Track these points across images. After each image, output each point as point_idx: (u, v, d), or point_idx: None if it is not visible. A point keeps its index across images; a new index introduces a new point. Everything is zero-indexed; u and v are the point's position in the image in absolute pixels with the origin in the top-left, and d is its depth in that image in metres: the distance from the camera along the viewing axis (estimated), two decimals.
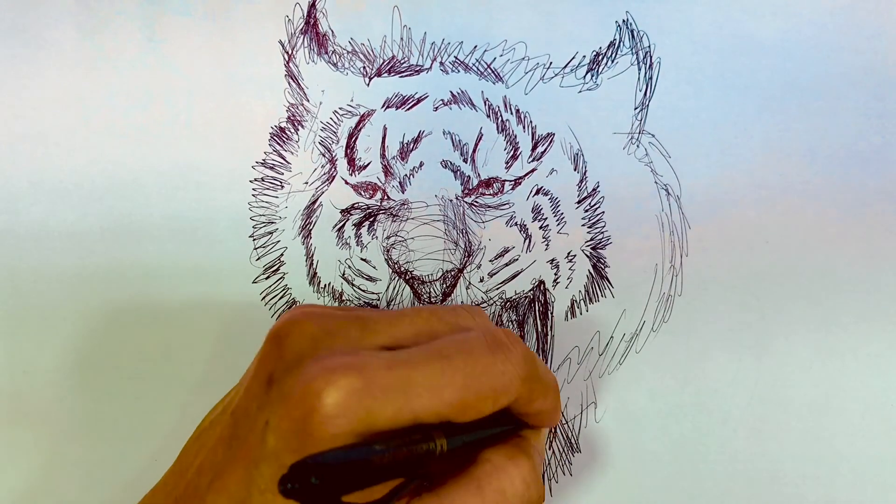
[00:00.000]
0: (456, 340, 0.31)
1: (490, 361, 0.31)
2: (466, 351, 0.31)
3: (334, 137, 0.42)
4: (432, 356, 0.30)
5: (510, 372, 0.31)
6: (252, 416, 0.30)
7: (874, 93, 0.40)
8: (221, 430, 0.31)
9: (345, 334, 0.31)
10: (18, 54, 0.42)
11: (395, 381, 0.29)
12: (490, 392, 0.30)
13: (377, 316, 0.33)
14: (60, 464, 0.43)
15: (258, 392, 0.31)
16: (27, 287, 0.43)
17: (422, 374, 0.29)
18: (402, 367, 0.29)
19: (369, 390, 0.28)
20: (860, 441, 0.41)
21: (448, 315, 0.34)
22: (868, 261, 0.41)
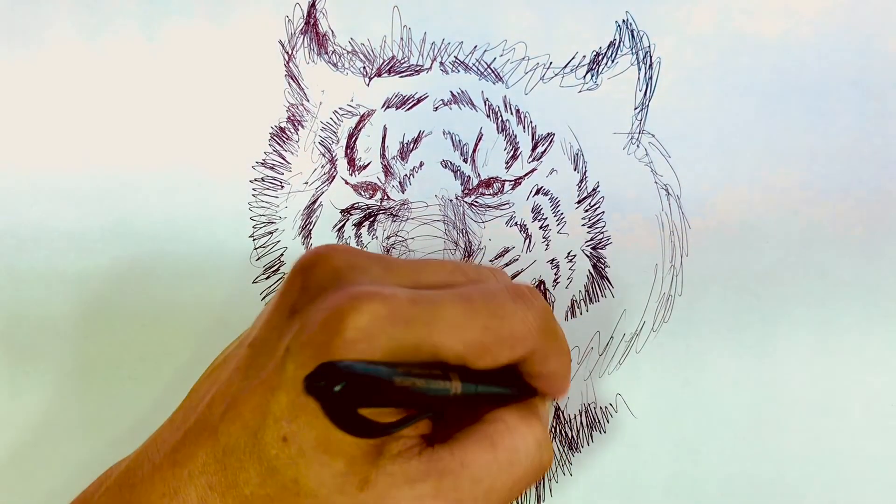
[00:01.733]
0: (479, 287, 0.31)
1: (511, 308, 0.30)
2: (489, 296, 0.30)
3: (334, 137, 0.42)
4: (456, 297, 0.30)
5: (530, 321, 0.31)
6: (271, 345, 0.30)
7: (874, 93, 0.40)
8: (237, 362, 0.31)
9: (369, 270, 0.31)
10: (18, 54, 0.42)
11: (419, 315, 0.29)
12: (509, 338, 0.30)
13: (401, 260, 0.33)
14: (61, 464, 0.43)
15: (279, 323, 0.30)
16: (27, 287, 0.43)
17: (445, 312, 0.29)
18: (426, 303, 0.29)
19: (392, 319, 0.28)
20: (860, 441, 0.41)
21: (472, 271, 0.34)
22: (868, 261, 0.41)
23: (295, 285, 0.31)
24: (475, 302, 0.30)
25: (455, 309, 0.29)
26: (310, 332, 0.28)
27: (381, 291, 0.29)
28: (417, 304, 0.29)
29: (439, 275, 0.33)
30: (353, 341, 0.28)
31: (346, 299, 0.28)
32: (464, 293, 0.30)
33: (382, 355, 0.28)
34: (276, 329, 0.30)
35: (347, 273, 0.30)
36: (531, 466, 0.31)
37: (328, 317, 0.28)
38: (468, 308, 0.30)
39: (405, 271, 0.32)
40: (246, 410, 0.29)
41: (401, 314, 0.28)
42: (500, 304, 0.30)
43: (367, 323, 0.28)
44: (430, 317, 0.29)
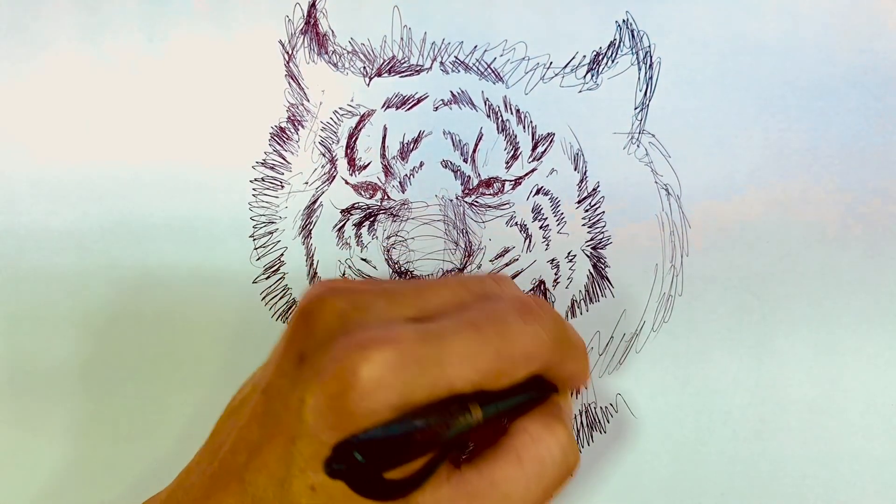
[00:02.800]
0: (486, 309, 0.31)
1: (521, 327, 0.31)
2: (497, 318, 0.31)
3: (334, 137, 0.42)
4: (464, 326, 0.30)
5: (541, 336, 0.31)
6: (284, 393, 0.30)
7: (874, 93, 0.40)
8: (254, 408, 0.31)
9: (373, 308, 0.31)
10: (18, 54, 0.42)
11: (430, 353, 0.29)
12: (523, 357, 0.30)
13: (403, 288, 0.33)
14: (61, 464, 0.43)
15: (289, 370, 0.30)
16: (27, 287, 0.43)
17: (455, 345, 0.29)
18: (435, 339, 0.29)
19: (404, 363, 0.28)
20: (860, 441, 0.41)
21: (475, 285, 0.34)
22: (868, 261, 0.41)
23: (300, 331, 0.31)
24: (484, 328, 0.30)
25: (465, 340, 0.29)
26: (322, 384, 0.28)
27: (388, 335, 0.29)
28: (426, 342, 0.29)
29: (444, 296, 0.33)
30: (367, 393, 0.28)
31: (355, 348, 0.28)
32: (471, 320, 0.30)
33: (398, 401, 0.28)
34: (286, 376, 0.30)
35: (352, 314, 0.30)
36: (559, 473, 0.32)
37: (339, 368, 0.28)
38: (478, 337, 0.30)
39: (409, 300, 0.32)
40: (271, 460, 0.29)
41: (411, 357, 0.28)
42: (509, 325, 0.31)
43: (379, 372, 0.28)
44: (441, 353, 0.29)
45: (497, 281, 0.35)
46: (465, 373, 0.29)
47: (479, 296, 0.33)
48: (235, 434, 0.31)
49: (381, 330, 0.29)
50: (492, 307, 0.31)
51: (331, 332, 0.30)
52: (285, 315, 0.42)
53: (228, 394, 0.43)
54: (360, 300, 0.31)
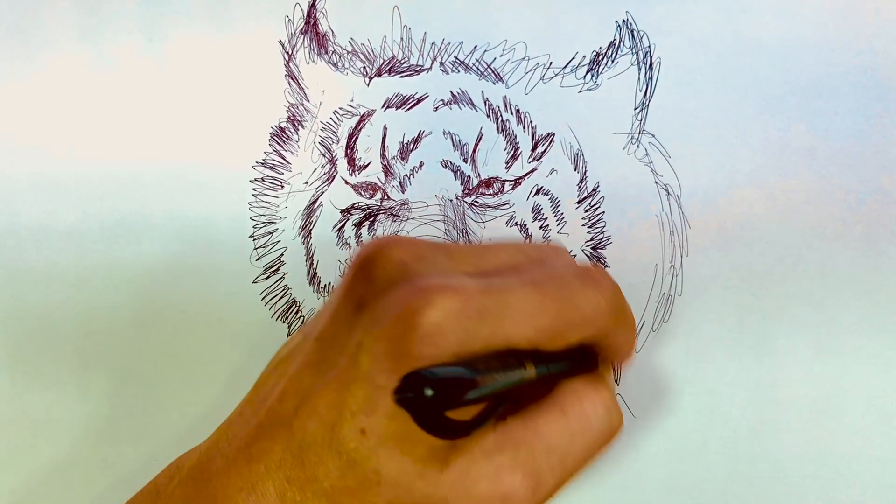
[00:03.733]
0: (548, 270, 0.31)
1: (581, 291, 0.31)
2: (558, 280, 0.31)
3: (334, 137, 0.42)
4: (526, 284, 0.30)
5: (600, 302, 0.31)
6: (341, 340, 0.30)
7: (874, 93, 0.40)
8: (306, 357, 0.31)
9: (433, 260, 0.31)
10: (18, 54, 0.42)
11: (491, 305, 0.29)
12: (581, 320, 0.31)
13: (463, 247, 0.33)
14: (61, 464, 0.43)
15: (347, 316, 0.30)
16: (27, 287, 0.43)
17: (517, 300, 0.29)
18: (497, 292, 0.29)
19: (465, 312, 0.28)
20: (860, 441, 0.41)
21: (533, 251, 0.34)
22: (868, 261, 0.41)
23: (360, 278, 0.31)
24: (546, 287, 0.30)
25: (526, 297, 0.29)
26: (382, 328, 0.28)
27: (451, 284, 0.29)
28: (488, 295, 0.29)
29: (501, 258, 0.33)
30: (428, 337, 0.28)
31: (417, 293, 0.28)
32: (534, 279, 0.30)
33: (457, 349, 0.28)
34: (344, 323, 0.30)
35: (412, 264, 0.30)
36: (602, 431, 0.32)
37: (401, 313, 0.28)
38: (539, 295, 0.30)
39: (468, 258, 0.32)
40: (321, 405, 0.29)
41: (473, 307, 0.28)
42: (570, 288, 0.31)
43: (441, 318, 0.28)
44: (502, 307, 0.29)
45: (555, 250, 0.35)
46: (524, 329, 0.29)
47: (536, 260, 0.33)
48: (285, 383, 0.31)
49: (443, 279, 0.29)
50: (553, 269, 0.32)
51: (391, 280, 0.30)
52: (285, 315, 0.43)
53: (229, 393, 0.43)
54: (420, 252, 0.31)
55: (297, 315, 0.42)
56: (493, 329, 0.29)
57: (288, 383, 0.31)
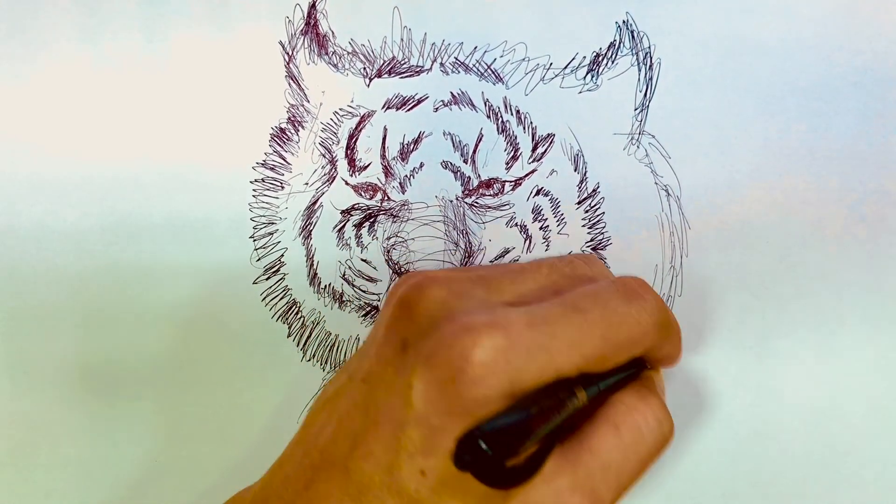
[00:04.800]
0: (589, 293, 0.31)
1: (626, 311, 0.31)
2: (602, 303, 0.31)
3: (334, 138, 0.42)
4: (569, 311, 0.30)
5: (645, 321, 0.31)
6: (388, 381, 0.30)
7: (874, 93, 0.40)
8: (354, 397, 0.31)
9: (472, 295, 0.31)
10: (18, 54, 0.42)
11: (538, 338, 0.29)
12: (627, 342, 0.31)
13: (499, 274, 0.33)
14: (60, 464, 0.43)
15: (392, 357, 0.30)
16: (27, 287, 0.43)
17: (563, 330, 0.29)
18: (542, 324, 0.29)
19: (514, 348, 0.28)
20: (860, 441, 0.41)
21: (566, 267, 0.34)
22: (868, 261, 0.41)
23: (401, 318, 0.31)
24: (590, 314, 0.30)
25: (572, 325, 0.30)
26: (433, 369, 0.28)
27: (496, 321, 0.29)
28: (535, 328, 0.29)
29: (538, 280, 0.33)
30: (479, 377, 0.28)
31: (463, 333, 0.28)
32: (577, 303, 0.30)
33: (508, 386, 0.28)
34: (390, 363, 0.30)
35: (452, 301, 0.30)
36: (655, 442, 0.32)
37: (450, 352, 0.28)
38: (584, 322, 0.30)
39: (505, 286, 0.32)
40: (376, 448, 0.29)
41: (521, 342, 0.28)
42: (613, 309, 0.31)
43: (490, 357, 0.28)
44: (549, 339, 0.29)
45: (586, 262, 0.35)
46: (573, 358, 0.29)
47: (572, 278, 0.33)
48: (335, 424, 0.31)
49: (488, 315, 0.29)
50: (594, 290, 0.31)
51: (434, 319, 0.30)
52: (285, 315, 0.43)
53: (229, 394, 0.43)
54: (458, 287, 0.31)
55: (297, 315, 0.43)
56: (543, 362, 0.29)
57: (338, 424, 0.31)
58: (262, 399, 0.43)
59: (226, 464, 0.43)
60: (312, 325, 0.43)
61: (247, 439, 0.43)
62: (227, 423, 0.43)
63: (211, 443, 0.43)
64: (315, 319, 0.43)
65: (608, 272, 0.36)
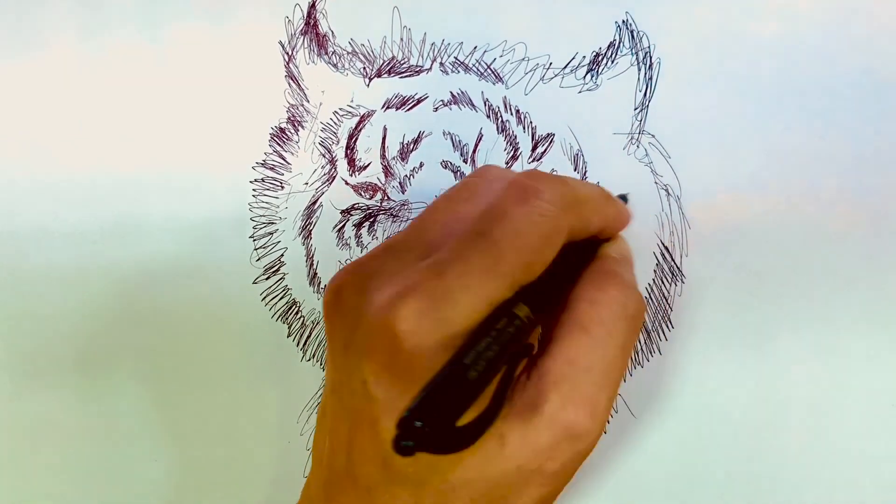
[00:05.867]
0: (485, 212, 0.30)
1: (526, 213, 0.29)
2: (500, 216, 0.29)
3: (334, 138, 0.42)
4: (471, 240, 0.29)
5: (549, 211, 0.29)
6: (345, 384, 0.30)
7: (874, 93, 0.40)
8: (334, 410, 0.32)
9: (383, 268, 0.30)
10: (18, 54, 0.42)
11: (450, 281, 0.28)
12: (542, 242, 0.29)
13: (402, 235, 0.32)
14: (61, 464, 0.43)
15: (342, 362, 0.30)
16: (27, 287, 0.43)
17: (471, 262, 0.28)
18: (449, 266, 0.28)
19: (432, 301, 0.28)
20: (860, 441, 0.41)
21: (462, 192, 0.33)
22: (868, 261, 0.41)
23: (333, 323, 0.31)
24: (492, 233, 0.29)
25: (478, 253, 0.28)
26: (371, 359, 0.29)
27: (406, 286, 0.28)
28: (442, 274, 0.28)
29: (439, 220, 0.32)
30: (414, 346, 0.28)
31: (381, 312, 0.28)
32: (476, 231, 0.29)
33: (445, 337, 0.28)
34: (341, 369, 0.31)
35: (367, 283, 0.30)
36: (627, 326, 0.31)
37: (381, 338, 0.28)
38: (490, 243, 0.29)
39: (412, 243, 0.31)
40: (366, 448, 0.30)
41: (436, 294, 0.28)
42: (513, 218, 0.29)
43: (415, 322, 0.28)
44: (460, 277, 0.28)
45: (480, 175, 0.34)
46: (494, 283, 0.28)
47: (472, 201, 0.32)
48: (329, 439, 0.32)
49: (397, 283, 0.29)
50: (488, 207, 0.30)
51: (356, 309, 0.30)
52: (285, 315, 0.43)
53: (229, 394, 0.43)
54: (368, 267, 0.31)
55: (297, 315, 0.43)
56: (466, 302, 0.28)
57: (331, 439, 0.32)
58: (262, 399, 0.43)
59: (226, 464, 0.43)
60: (312, 325, 0.43)
61: (247, 439, 0.43)
62: (227, 423, 0.43)
63: (211, 443, 0.43)
64: (315, 319, 0.43)
65: (506, 173, 0.34)
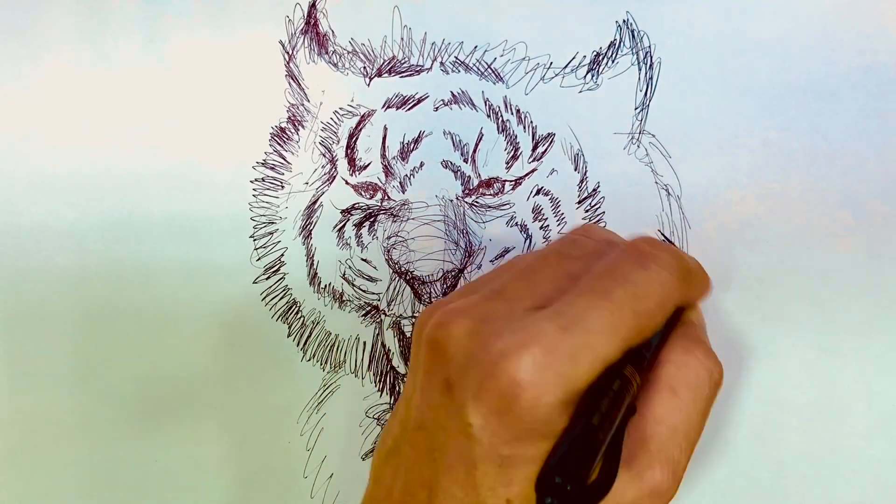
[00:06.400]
0: (606, 271, 0.31)
1: (648, 278, 0.31)
2: (622, 278, 0.30)
3: (335, 138, 0.42)
4: (594, 298, 0.30)
5: (666, 279, 0.31)
6: (443, 424, 0.30)
7: (874, 93, 0.40)
8: (416, 447, 0.31)
9: (496, 314, 0.31)
10: (18, 55, 0.42)
11: (575, 338, 0.29)
12: (658, 307, 0.31)
13: (512, 281, 0.33)
14: (60, 464, 0.43)
15: (440, 400, 0.30)
16: (27, 287, 0.43)
17: (594, 321, 0.29)
18: (573, 323, 0.29)
19: (555, 357, 0.28)
20: (860, 441, 0.41)
21: (572, 249, 0.34)
22: (868, 261, 0.41)
23: (436, 360, 0.31)
24: (615, 293, 0.30)
25: (602, 313, 0.29)
26: (484, 401, 0.28)
27: (530, 336, 0.29)
28: (567, 330, 0.29)
29: (550, 274, 0.32)
30: (532, 397, 0.28)
31: (502, 359, 0.28)
32: (598, 289, 0.30)
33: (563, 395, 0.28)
34: (441, 407, 0.30)
35: (480, 328, 0.30)
36: (709, 390, 0.32)
37: (496, 382, 0.28)
38: (612, 305, 0.30)
39: (522, 291, 0.32)
40: (455, 490, 0.29)
41: (560, 349, 0.28)
42: (635, 281, 0.30)
43: (537, 374, 0.28)
44: (585, 336, 0.29)
45: (587, 234, 0.35)
46: (614, 344, 0.29)
47: (581, 259, 0.33)
48: (404, 476, 0.31)
49: (520, 332, 0.29)
50: (610, 267, 0.31)
51: (468, 353, 0.30)
52: (285, 315, 0.43)
53: (228, 394, 0.43)
54: (479, 311, 0.31)
55: (297, 315, 0.42)
56: (587, 362, 0.29)
57: (407, 475, 0.31)
58: (262, 399, 0.43)
59: (226, 464, 0.43)
60: (312, 325, 0.43)
61: (247, 439, 0.43)
62: (228, 423, 0.43)
63: (211, 443, 0.43)
64: (315, 319, 0.43)
65: (611, 235, 0.36)
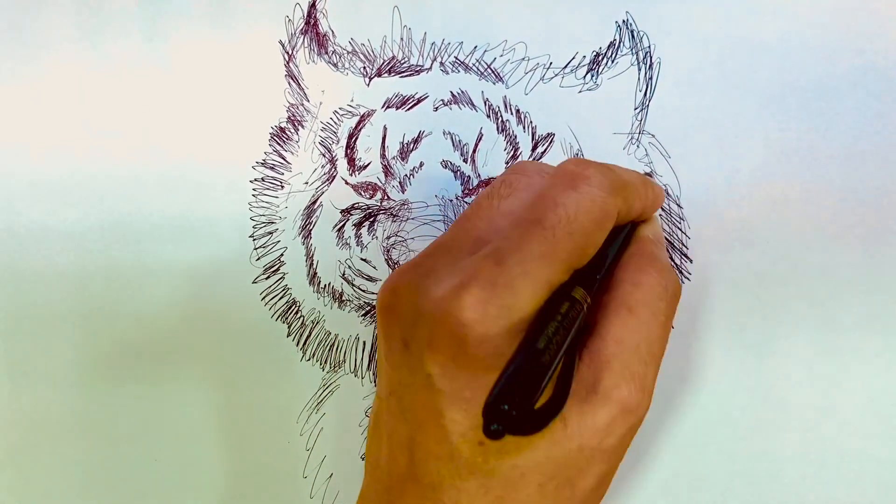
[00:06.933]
0: (536, 201, 0.31)
1: (576, 198, 0.30)
2: (551, 203, 0.30)
3: (334, 137, 0.42)
4: (526, 228, 0.30)
5: (598, 196, 0.31)
6: (408, 382, 0.30)
7: (874, 93, 0.40)
8: (391, 412, 0.31)
9: (438, 266, 0.31)
10: (18, 55, 0.42)
11: (511, 269, 0.29)
12: (594, 226, 0.30)
13: (448, 234, 0.33)
14: (60, 464, 0.43)
15: (401, 359, 0.31)
16: (27, 287, 0.43)
17: (528, 249, 0.29)
18: (507, 255, 0.29)
19: (494, 290, 0.28)
20: (860, 441, 0.41)
21: (502, 189, 0.33)
22: (868, 261, 0.41)
23: (390, 323, 0.31)
24: (545, 220, 0.30)
25: (535, 240, 0.29)
26: (437, 351, 0.29)
27: (466, 276, 0.29)
28: (502, 263, 0.29)
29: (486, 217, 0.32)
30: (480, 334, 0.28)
31: (444, 304, 0.28)
32: (531, 219, 0.30)
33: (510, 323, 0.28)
34: (402, 367, 0.31)
35: (424, 281, 0.30)
36: (667, 304, 0.32)
37: (445, 329, 0.28)
38: (544, 231, 0.29)
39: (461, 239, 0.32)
40: (430, 445, 0.30)
41: (498, 282, 0.28)
42: (564, 204, 0.30)
43: (480, 311, 0.28)
44: (520, 264, 0.29)
45: (517, 171, 0.34)
46: (552, 270, 0.29)
47: (514, 195, 0.33)
48: (387, 444, 0.32)
49: (458, 276, 0.29)
50: (538, 196, 0.31)
51: (416, 307, 0.30)
52: (285, 315, 0.43)
53: (228, 394, 0.43)
54: (422, 267, 0.31)
55: (296, 315, 0.43)
56: (528, 288, 0.29)
57: (388, 442, 0.32)
58: (262, 399, 0.43)
59: (226, 464, 0.43)
60: (312, 325, 0.43)
61: (247, 439, 0.43)
62: (227, 423, 0.43)
63: (211, 443, 0.43)
64: (315, 319, 0.43)
65: (543, 166, 0.35)
